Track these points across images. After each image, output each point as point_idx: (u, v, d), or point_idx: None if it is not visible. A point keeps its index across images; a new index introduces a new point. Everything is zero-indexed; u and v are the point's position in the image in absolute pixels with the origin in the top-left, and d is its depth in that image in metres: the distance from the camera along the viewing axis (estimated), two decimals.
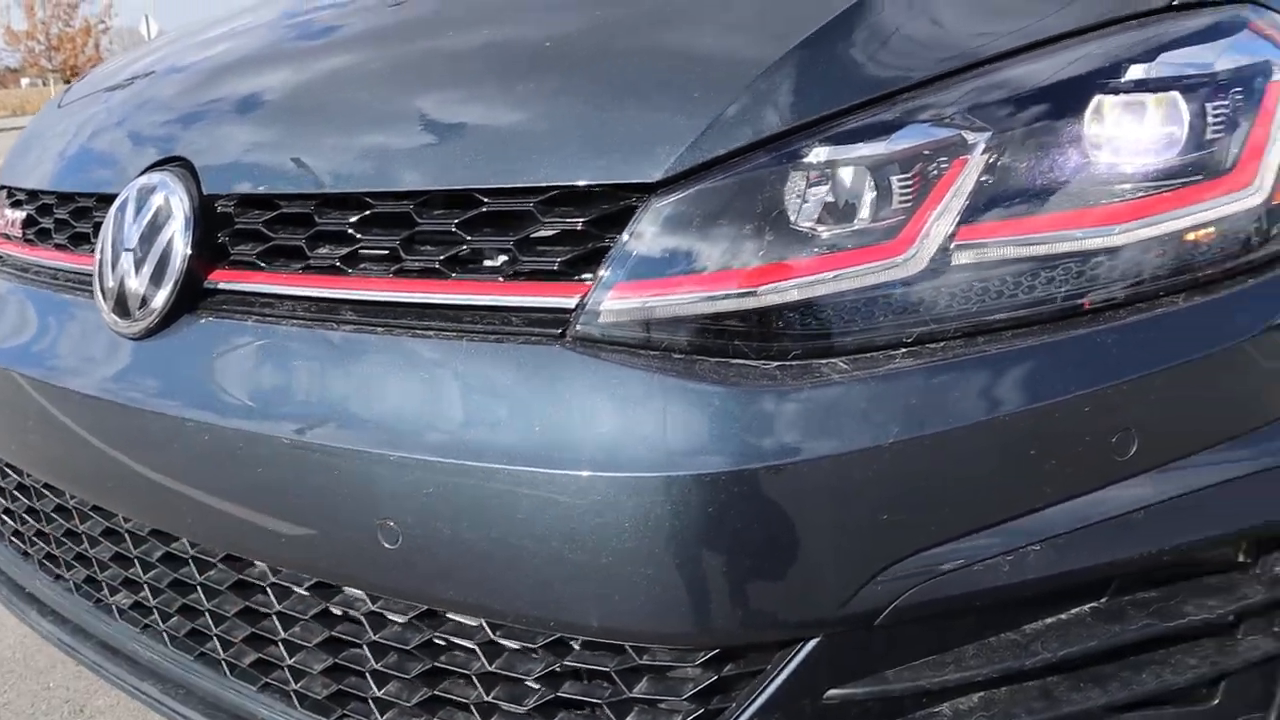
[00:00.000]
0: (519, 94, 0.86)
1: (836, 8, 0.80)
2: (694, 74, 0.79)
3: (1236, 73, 0.81)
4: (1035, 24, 0.82)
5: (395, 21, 1.13)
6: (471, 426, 0.78)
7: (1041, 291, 0.75)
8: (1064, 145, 0.77)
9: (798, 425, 0.69)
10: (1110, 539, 0.74)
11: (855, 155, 0.75)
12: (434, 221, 0.85)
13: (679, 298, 0.75)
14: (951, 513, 0.71)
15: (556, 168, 0.79)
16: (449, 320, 0.83)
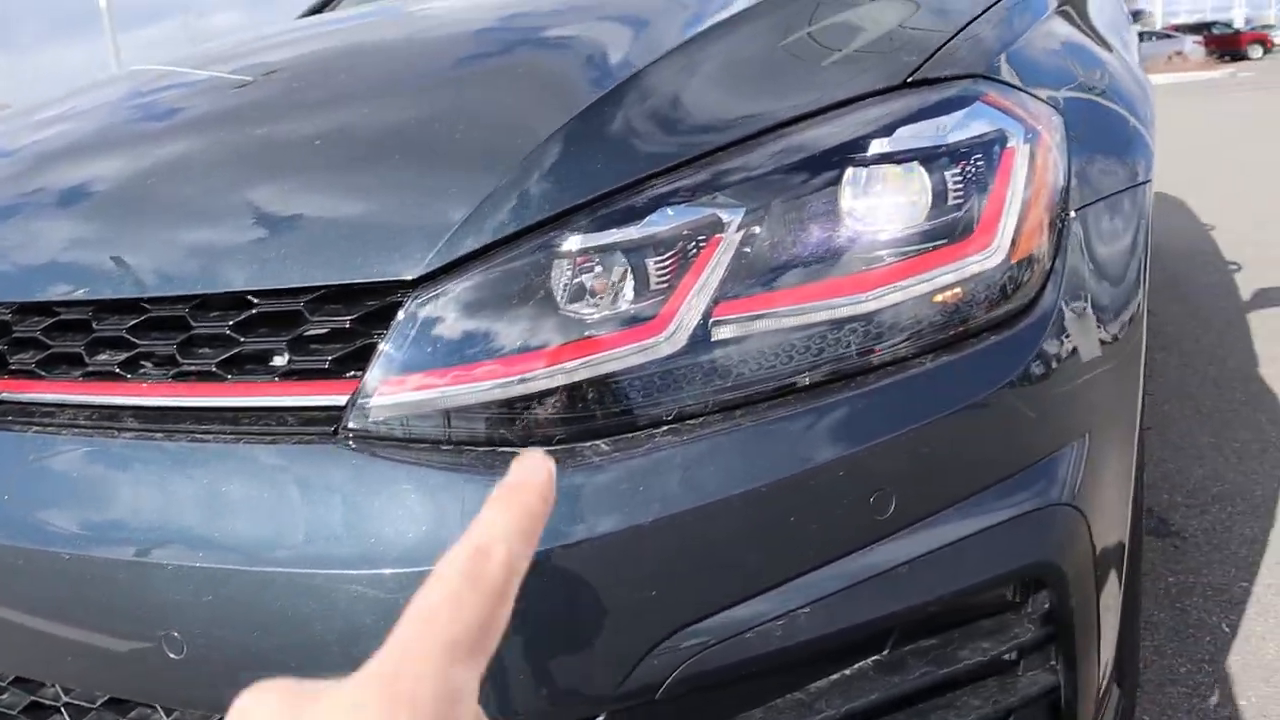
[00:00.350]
0: (289, 193, 0.86)
1: (589, 96, 0.83)
2: (453, 166, 0.81)
3: (973, 142, 0.87)
4: (784, 104, 0.87)
5: (184, 119, 1.12)
6: (250, 530, 0.77)
7: (798, 361, 0.78)
8: (816, 217, 0.81)
9: (561, 510, 0.71)
10: (879, 595, 0.77)
11: (612, 240, 0.77)
12: (209, 324, 0.84)
13: (446, 390, 0.76)
14: (720, 584, 0.73)
15: (323, 267, 0.79)
16: (227, 423, 0.82)
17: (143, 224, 0.92)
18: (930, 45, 0.98)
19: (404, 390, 0.76)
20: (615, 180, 0.80)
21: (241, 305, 0.83)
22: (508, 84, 0.93)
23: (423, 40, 1.20)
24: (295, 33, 1.59)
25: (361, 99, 0.97)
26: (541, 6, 1.23)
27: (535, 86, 0.91)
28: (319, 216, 0.83)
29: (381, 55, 1.18)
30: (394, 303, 0.78)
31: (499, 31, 1.14)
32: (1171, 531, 1.95)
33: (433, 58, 1.09)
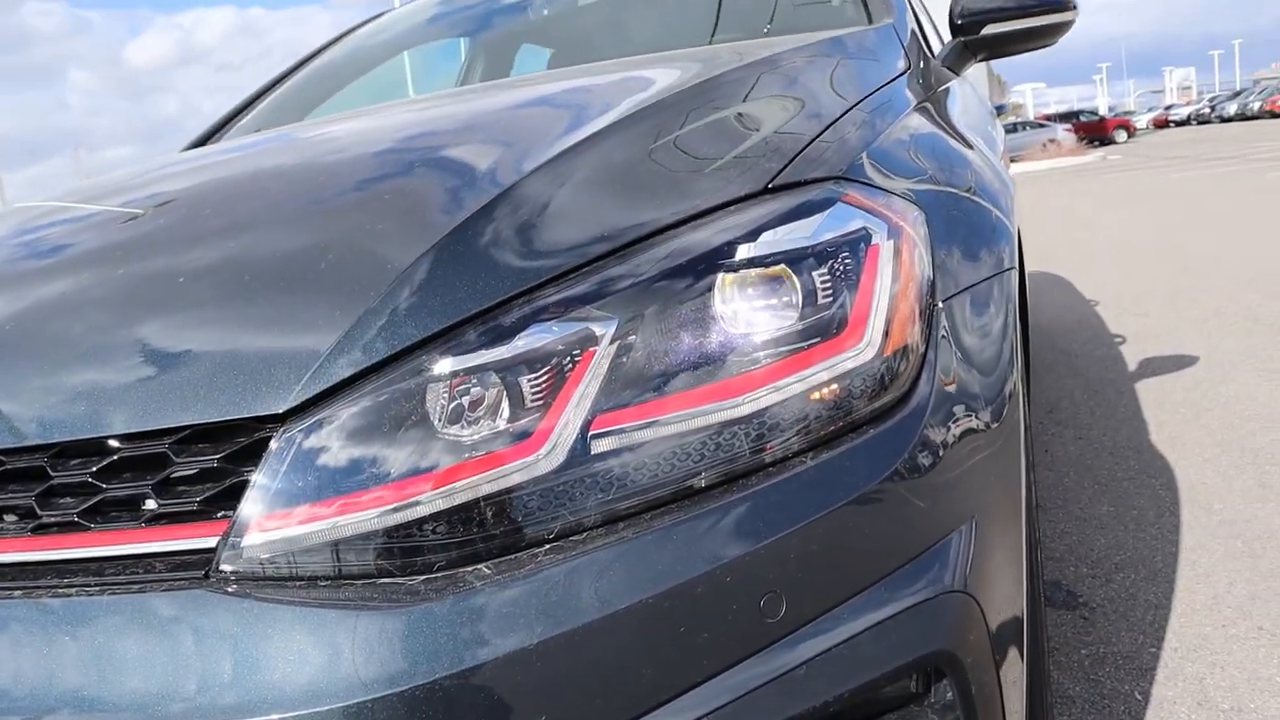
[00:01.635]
0: (153, 332, 0.84)
1: (456, 219, 0.84)
2: (317, 298, 0.80)
3: (837, 241, 0.90)
4: (652, 215, 0.89)
5: (43, 264, 1.09)
6: (120, 687, 0.72)
7: (680, 468, 0.78)
8: (689, 324, 0.82)
9: (444, 639, 0.69)
10: (778, 699, 0.76)
11: (485, 360, 0.77)
12: (69, 473, 0.81)
13: (322, 524, 0.73)
14: (612, 702, 0.71)
15: (187, 406, 0.77)
16: (91, 574, 0.78)
17: (2, 368, 0.89)
18: (791, 150, 1.02)
19: (277, 527, 0.74)
20: (485, 300, 0.80)
21: (103, 451, 0.80)
22: (376, 211, 0.93)
23: (298, 171, 1.21)
24: (178, 166, 1.58)
25: (233, 233, 0.96)
26: (415, 131, 1.25)
27: (402, 212, 0.91)
28: (183, 354, 0.81)
29: (258, 188, 1.18)
30: (263, 438, 0.76)
31: (371, 159, 1.15)
32: (1080, 603, 1.98)
33: (306, 188, 1.09)
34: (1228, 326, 4.22)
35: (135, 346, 0.83)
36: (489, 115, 1.25)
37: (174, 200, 1.19)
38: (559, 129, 1.08)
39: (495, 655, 0.68)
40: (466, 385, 0.77)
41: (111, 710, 0.71)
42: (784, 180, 0.97)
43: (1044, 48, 2.31)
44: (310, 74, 2.68)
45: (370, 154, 1.17)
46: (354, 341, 0.76)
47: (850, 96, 1.32)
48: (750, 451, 0.80)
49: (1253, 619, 1.84)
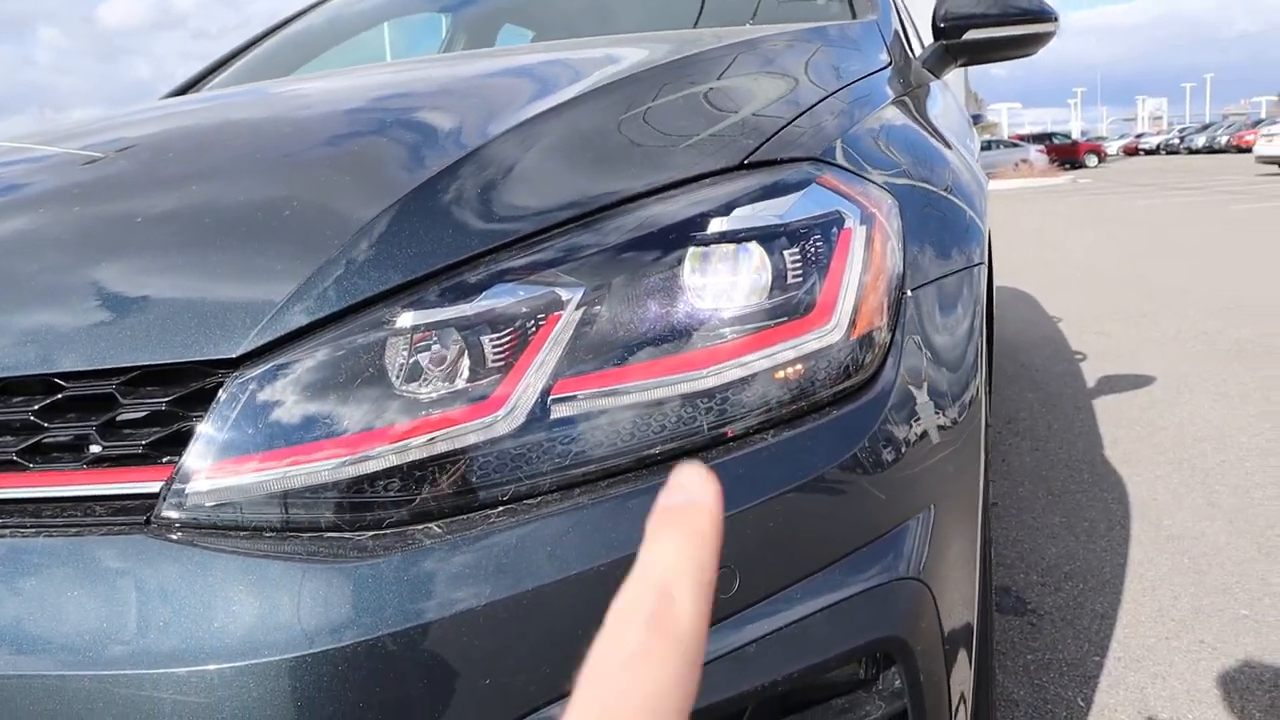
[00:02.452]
0: (105, 272, 0.81)
1: (423, 174, 0.82)
2: (279, 245, 0.78)
3: (810, 222, 0.89)
4: (624, 184, 0.88)
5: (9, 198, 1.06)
6: (54, 631, 0.70)
7: (640, 438, 0.77)
8: (656, 295, 0.81)
9: (390, 596, 0.67)
10: (728, 675, 0.75)
11: (447, 317, 0.75)
12: (12, 410, 0.78)
13: (271, 473, 0.71)
14: (559, 670, 0.70)
15: (138, 347, 0.75)
16: (28, 515, 0.76)
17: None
18: (768, 129, 1.01)
19: (224, 474, 0.72)
20: (450, 257, 0.78)
21: (49, 389, 0.77)
22: (343, 165, 0.91)
23: (270, 122, 1.18)
24: (150, 112, 1.54)
25: (197, 178, 0.94)
26: (389, 92, 1.23)
27: (369, 167, 0.89)
28: (138, 295, 0.78)
29: (225, 137, 1.15)
30: (214, 384, 0.74)
31: (342, 115, 1.12)
32: (1028, 609, 2.00)
33: (274, 140, 1.06)
34: (1186, 351, 4.29)
35: (87, 286, 0.81)
36: (464, 79, 1.23)
37: (138, 145, 1.16)
38: (533, 95, 1.07)
39: (442, 615, 0.66)
40: (427, 342, 0.75)
41: (44, 652, 0.69)
42: (760, 158, 0.96)
43: (1023, 57, 2.33)
44: (291, 35, 2.64)
45: (341, 111, 1.15)
46: (312, 290, 0.75)
47: (830, 83, 1.31)
48: (711, 425, 0.79)
49: (1195, 633, 1.87)
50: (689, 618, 0.25)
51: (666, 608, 0.25)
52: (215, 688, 0.66)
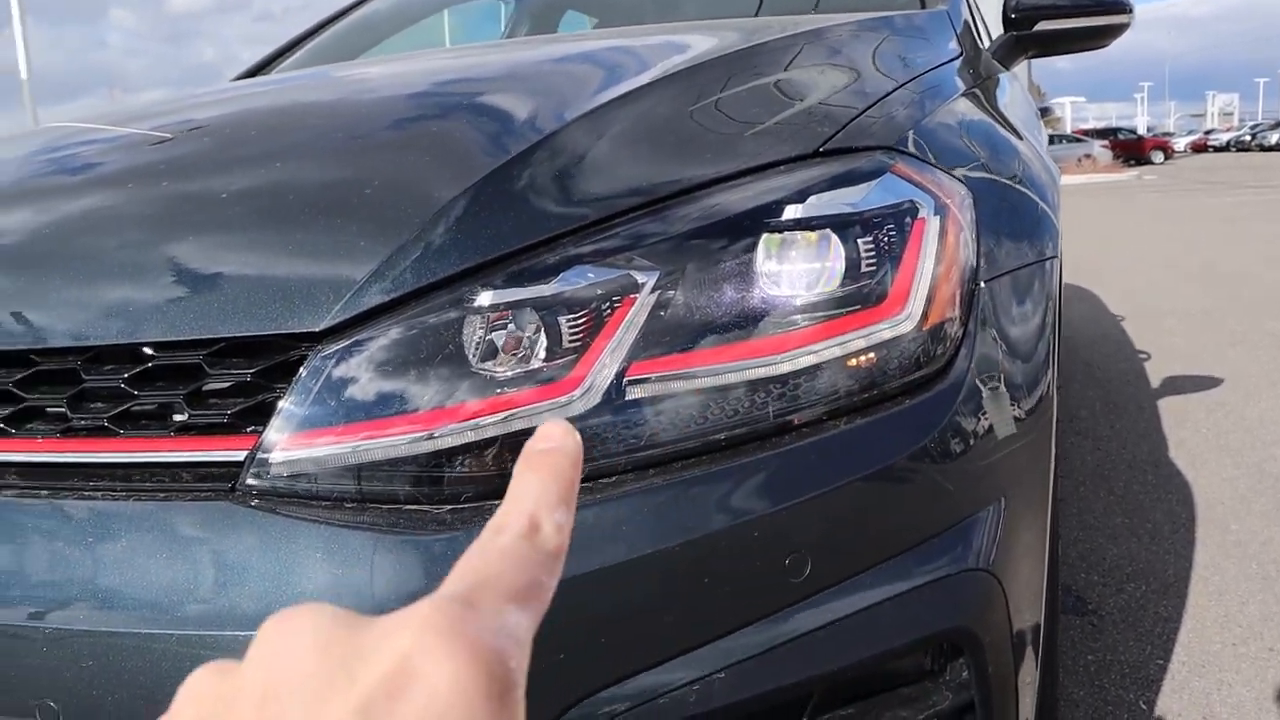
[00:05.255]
0: (192, 246, 0.83)
1: (505, 155, 0.83)
2: (362, 222, 0.80)
3: (884, 212, 0.89)
4: (699, 170, 0.88)
5: (86, 176, 1.09)
6: (138, 591, 0.72)
7: (713, 421, 0.78)
8: (730, 280, 0.81)
9: None
10: (796, 660, 0.76)
11: (524, 297, 0.76)
12: (102, 378, 0.81)
13: (352, 445, 0.73)
14: (632, 647, 0.71)
15: (224, 319, 0.77)
16: (118, 479, 0.78)
17: (36, 275, 0.89)
18: (841, 118, 1.01)
19: (306, 445, 0.73)
20: (527, 238, 0.79)
21: (137, 358, 0.80)
22: (420, 146, 0.92)
23: (343, 104, 1.20)
24: (221, 94, 1.58)
25: (275, 158, 0.96)
26: (460, 75, 1.24)
27: (447, 148, 0.91)
28: (222, 270, 0.80)
29: (304, 117, 1.17)
30: (298, 357, 0.76)
31: (418, 97, 1.14)
32: (1089, 610, 1.97)
33: (351, 121, 1.08)
34: (1255, 352, 4.18)
35: (174, 260, 0.83)
36: (537, 64, 1.24)
37: (220, 124, 1.18)
38: (607, 80, 1.07)
39: None
40: (504, 321, 0.76)
41: (129, 609, 0.71)
42: (834, 146, 0.95)
43: (1095, 49, 2.28)
44: (357, 20, 2.67)
45: (417, 94, 1.16)
46: (394, 267, 0.76)
47: (902, 73, 1.30)
48: (784, 411, 0.79)
49: (1264, 640, 1.83)
50: (551, 540, 0.30)
51: (534, 529, 0.30)
52: None
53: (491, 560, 0.29)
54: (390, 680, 0.25)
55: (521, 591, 0.28)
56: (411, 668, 0.25)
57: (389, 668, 0.25)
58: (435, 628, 0.26)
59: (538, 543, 0.30)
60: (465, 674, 0.25)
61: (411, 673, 0.25)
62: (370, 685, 0.25)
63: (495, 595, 0.28)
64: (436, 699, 0.24)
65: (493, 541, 0.30)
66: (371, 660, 0.26)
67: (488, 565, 0.29)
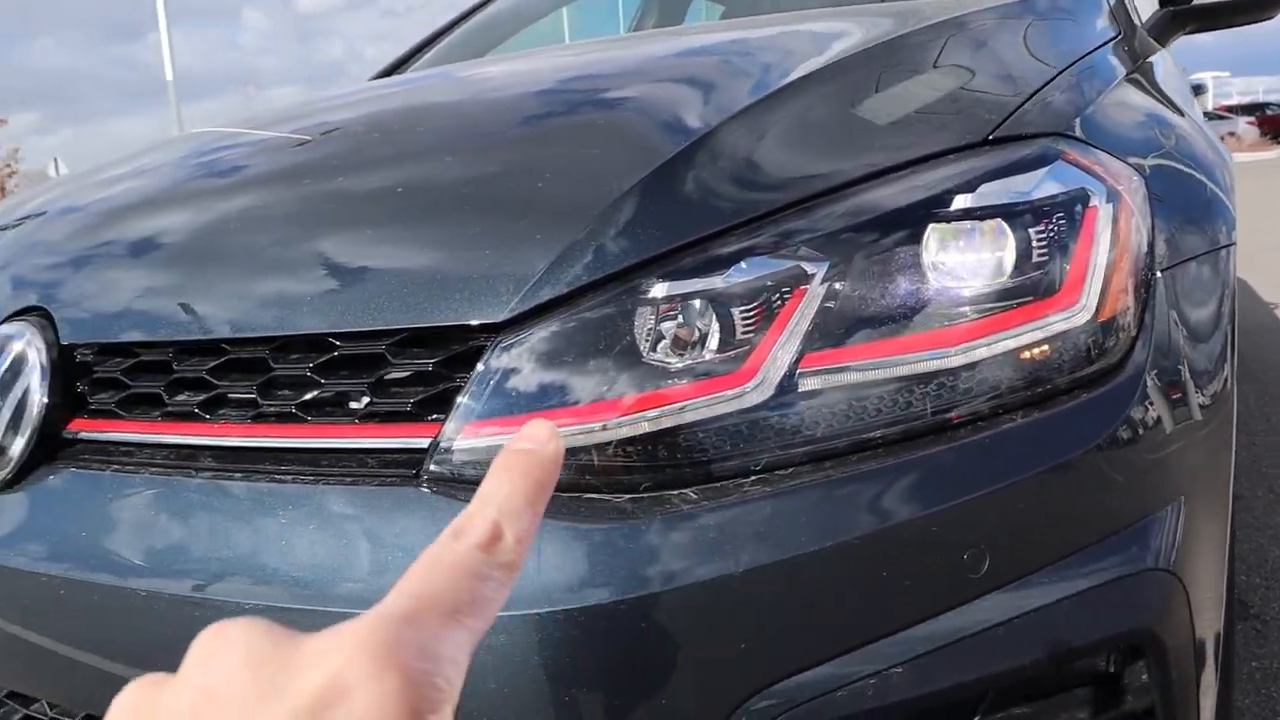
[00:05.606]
0: (370, 239, 0.87)
1: (674, 148, 0.84)
2: (537, 216, 0.81)
3: (1055, 200, 0.86)
4: (867, 159, 0.87)
5: (257, 172, 1.14)
6: (329, 572, 0.76)
7: (888, 413, 0.77)
8: (901, 272, 0.80)
9: (649, 558, 0.69)
10: (972, 657, 0.74)
11: (696, 289, 0.77)
12: (289, 366, 0.84)
13: None
14: (810, 639, 0.70)
15: (406, 310, 0.79)
16: (306, 464, 0.82)
17: (225, 270, 0.94)
18: (1006, 106, 0.98)
19: (487, 434, 0.75)
20: (700, 230, 0.79)
21: (322, 348, 0.83)
22: (588, 139, 0.94)
23: (499, 98, 1.23)
24: (368, 92, 1.63)
25: (446, 153, 0.99)
26: (615, 69, 1.25)
27: (615, 141, 0.92)
28: (402, 262, 0.83)
29: (458, 111, 1.20)
30: (477, 347, 0.78)
31: (575, 91, 1.15)
32: (1252, 614, 1.87)
33: (511, 114, 1.11)
34: None
35: (356, 253, 0.86)
36: (691, 56, 1.25)
37: (381, 121, 1.22)
38: (766, 72, 1.07)
39: (701, 578, 0.68)
40: (679, 312, 0.76)
41: (321, 589, 0.74)
42: (1003, 133, 0.93)
43: (1259, 21, 2.16)
44: (481, 20, 2.72)
45: (578, 87, 1.18)
46: (571, 259, 0.77)
47: (1059, 57, 1.25)
48: (957, 404, 0.78)
49: None
50: (508, 552, 0.30)
51: (496, 534, 0.30)
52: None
53: (441, 573, 0.29)
54: (318, 698, 0.25)
55: (467, 608, 0.28)
56: (340, 686, 0.25)
57: (318, 685, 0.25)
58: (369, 647, 0.26)
59: (495, 554, 0.30)
60: (392, 695, 0.25)
61: (340, 690, 0.25)
62: (298, 702, 0.25)
63: (439, 613, 0.28)
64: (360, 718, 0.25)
65: (448, 549, 0.30)
66: (302, 677, 0.26)
67: (437, 579, 0.29)
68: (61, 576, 0.87)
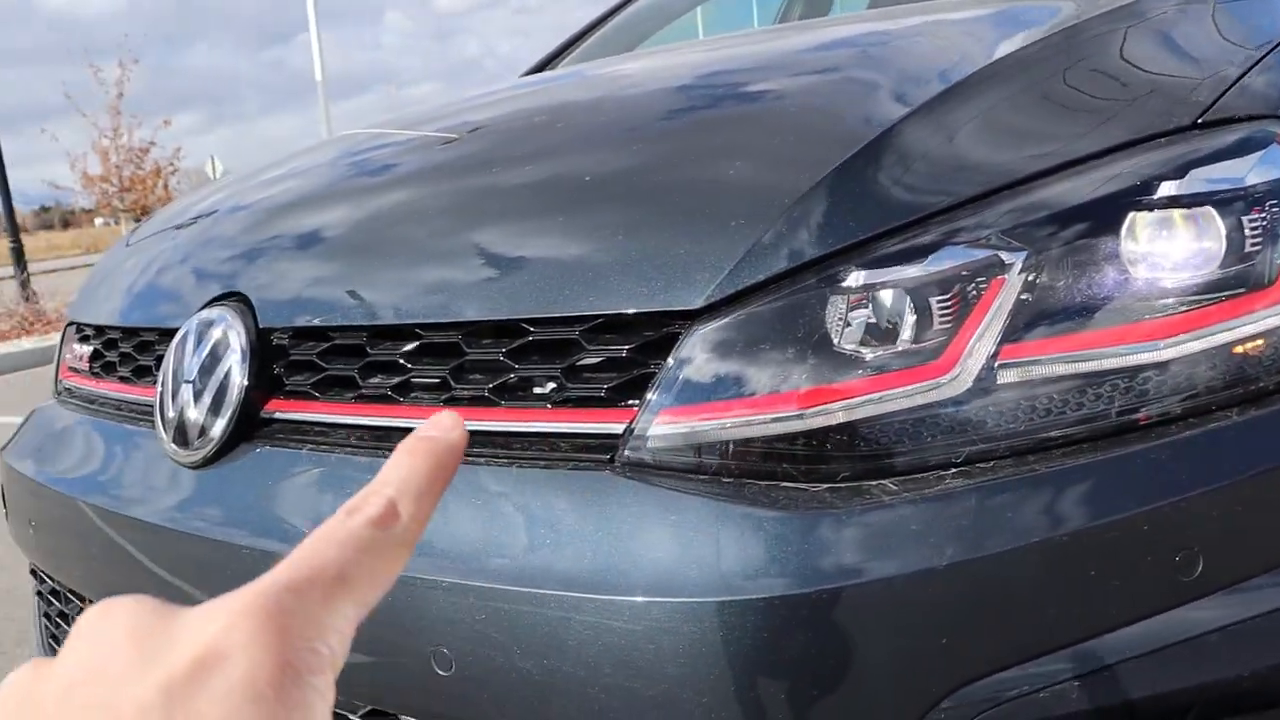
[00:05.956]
0: (562, 227, 0.88)
1: (867, 136, 0.83)
2: (731, 203, 0.82)
3: (1270, 186, 0.82)
4: (1065, 146, 0.84)
5: (441, 161, 1.18)
6: (522, 552, 0.78)
7: (1091, 408, 0.74)
8: (1102, 262, 0.78)
9: (850, 548, 0.69)
10: (1184, 664, 0.72)
11: (894, 278, 0.76)
12: (482, 351, 0.87)
13: (726, 421, 0.75)
14: (1013, 637, 0.69)
15: (600, 296, 0.81)
16: (499, 447, 0.84)
17: (418, 258, 0.97)
18: (1216, 89, 0.93)
19: (682, 421, 0.76)
20: (895, 219, 0.78)
21: (515, 333, 0.85)
22: (778, 127, 0.93)
23: (674, 88, 1.23)
24: (533, 86, 1.66)
25: (629, 140, 1.00)
26: (790, 59, 1.25)
27: (807, 129, 0.91)
28: (596, 249, 0.85)
29: (635, 101, 1.22)
30: (672, 333, 0.78)
31: (755, 80, 1.15)
32: None
33: (691, 103, 1.11)
34: None
35: (549, 241, 0.88)
36: (864, 41, 1.23)
37: (564, 111, 1.25)
38: (950, 58, 1.05)
39: (904, 570, 0.67)
40: (875, 302, 0.76)
41: (515, 571, 0.76)
42: (1211, 118, 0.89)
43: None
44: (628, 16, 2.74)
45: (757, 74, 1.18)
46: (768, 246, 0.77)
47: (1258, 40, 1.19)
48: (1169, 399, 0.75)
49: None
50: (404, 527, 0.30)
51: (391, 512, 0.30)
52: (670, 621, 0.70)
53: (332, 547, 0.29)
54: (196, 663, 0.25)
55: (354, 581, 0.29)
56: (219, 650, 0.25)
57: (197, 651, 0.26)
58: (249, 613, 0.26)
59: (390, 531, 0.30)
60: (271, 657, 0.25)
61: (219, 654, 0.25)
62: (175, 667, 0.25)
63: (323, 583, 0.28)
64: (235, 681, 0.25)
65: (341, 525, 0.30)
66: (181, 644, 0.26)
67: (326, 551, 0.29)
68: (261, 550, 0.92)
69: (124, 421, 1.25)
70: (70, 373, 1.46)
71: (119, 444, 1.23)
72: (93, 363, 1.40)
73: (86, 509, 1.15)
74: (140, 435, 1.19)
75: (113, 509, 1.11)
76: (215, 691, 0.25)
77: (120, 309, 1.37)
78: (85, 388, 1.39)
